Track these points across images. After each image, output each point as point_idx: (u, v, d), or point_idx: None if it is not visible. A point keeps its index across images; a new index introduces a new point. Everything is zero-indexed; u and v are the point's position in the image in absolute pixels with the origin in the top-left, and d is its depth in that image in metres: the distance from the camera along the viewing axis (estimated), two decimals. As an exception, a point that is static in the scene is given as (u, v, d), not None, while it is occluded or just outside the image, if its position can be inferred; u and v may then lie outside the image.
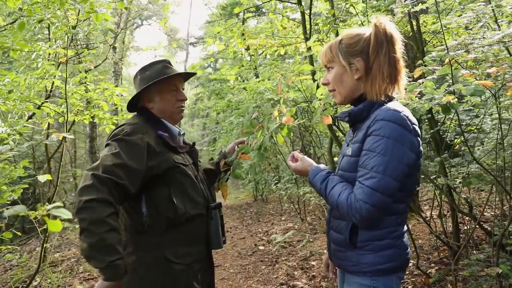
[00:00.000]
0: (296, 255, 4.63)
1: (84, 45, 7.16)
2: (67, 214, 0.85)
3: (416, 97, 2.05)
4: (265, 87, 5.29)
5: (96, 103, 3.56)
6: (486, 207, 4.32)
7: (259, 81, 5.28)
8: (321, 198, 5.54)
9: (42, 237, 3.07)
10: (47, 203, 3.24)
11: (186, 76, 1.82)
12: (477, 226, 3.20)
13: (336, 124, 3.53)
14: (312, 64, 2.97)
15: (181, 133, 1.77)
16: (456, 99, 1.79)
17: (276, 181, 8.42)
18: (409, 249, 1.37)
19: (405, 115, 1.24)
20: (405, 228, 1.37)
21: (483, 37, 2.35)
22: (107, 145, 1.52)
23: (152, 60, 1.78)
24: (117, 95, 3.42)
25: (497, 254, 2.54)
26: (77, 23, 3.05)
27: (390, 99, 1.35)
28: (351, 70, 1.36)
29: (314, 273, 3.94)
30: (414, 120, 1.27)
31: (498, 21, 2.45)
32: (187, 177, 1.63)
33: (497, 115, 3.47)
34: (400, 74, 1.34)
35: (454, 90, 1.92)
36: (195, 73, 1.94)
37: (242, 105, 5.74)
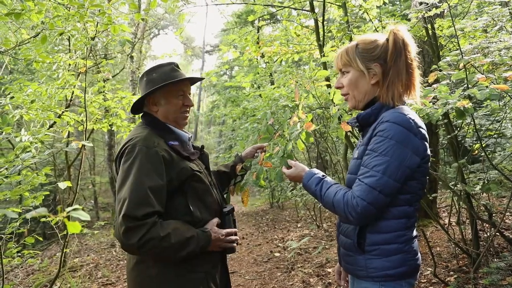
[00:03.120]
0: (312, 262, 4.59)
1: (103, 55, 7.36)
2: (85, 216, 0.88)
3: (430, 102, 2.03)
4: (280, 94, 5.31)
5: (114, 111, 3.65)
6: (507, 214, 4.20)
7: (274, 88, 5.31)
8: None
9: (62, 243, 3.15)
10: (65, 207, 3.33)
11: (194, 80, 1.79)
12: (497, 234, 3.12)
13: (351, 130, 3.51)
14: (325, 68, 2.97)
15: (190, 137, 1.75)
16: (470, 104, 1.77)
17: (292, 188, 8.39)
18: (419, 255, 1.36)
19: (411, 118, 1.25)
20: (415, 233, 1.36)
21: (500, 41, 2.32)
22: (121, 162, 1.47)
23: (160, 63, 1.75)
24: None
25: (518, 262, 2.48)
26: (95, 34, 3.15)
27: (400, 104, 1.35)
28: (369, 75, 1.38)
29: (330, 280, 3.90)
30: (421, 124, 1.28)
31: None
32: (203, 184, 1.61)
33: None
34: (415, 81, 1.36)
35: (469, 94, 1.91)
36: (203, 78, 1.94)
37: (257, 111, 5.77)
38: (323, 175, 1.44)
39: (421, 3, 3.20)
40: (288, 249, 5.10)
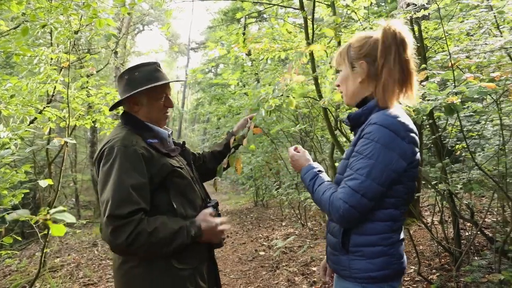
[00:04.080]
0: (297, 260, 4.60)
1: (86, 50, 7.19)
2: (71, 218, 0.84)
3: (419, 98, 2.05)
4: (267, 92, 5.29)
5: (98, 107, 3.56)
6: (487, 213, 4.31)
7: (260, 86, 5.30)
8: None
9: (42, 242, 3.06)
10: (48, 208, 3.24)
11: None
12: (478, 233, 3.19)
13: (339, 127, 3.53)
14: (314, 69, 2.98)
15: (170, 134, 1.74)
16: (459, 100, 1.80)
17: (277, 187, 8.41)
18: (404, 259, 1.35)
19: (400, 121, 1.22)
20: (402, 236, 1.35)
21: (485, 43, 2.36)
22: (101, 164, 1.46)
23: (142, 61, 1.72)
24: (119, 100, 3.41)
25: (499, 261, 2.53)
26: (79, 28, 3.07)
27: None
28: (353, 73, 1.37)
29: (315, 279, 3.92)
30: (412, 127, 1.25)
31: (500, 27, 2.46)
32: (185, 179, 1.61)
33: (498, 121, 3.48)
34: (412, 80, 1.32)
35: (457, 92, 1.93)
36: (185, 80, 1.99)
37: (243, 110, 5.75)
38: (319, 171, 1.43)
39: (408, 5, 3.24)
40: (274, 248, 5.10)
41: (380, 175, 1.20)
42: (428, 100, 1.95)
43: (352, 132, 1.49)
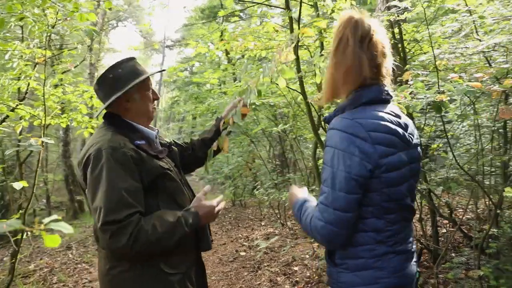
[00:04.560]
0: (278, 260, 4.60)
1: (58, 46, 6.91)
2: (68, 228, 0.78)
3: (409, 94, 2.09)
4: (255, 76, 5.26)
5: (74, 106, 3.41)
6: (460, 210, 4.46)
7: (240, 85, 5.26)
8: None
9: (15, 248, 2.90)
10: (21, 211, 3.07)
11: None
12: (454, 229, 3.29)
13: (323, 126, 3.54)
14: (299, 68, 2.97)
15: (157, 134, 1.69)
16: (448, 98, 1.84)
17: (258, 187, 8.40)
18: (399, 274, 1.22)
19: (358, 122, 1.13)
20: (392, 249, 1.22)
21: (466, 47, 2.42)
22: (88, 170, 1.39)
23: (120, 59, 1.67)
24: (97, 98, 3.28)
25: (478, 257, 2.61)
26: (55, 22, 2.93)
27: (366, 103, 1.21)
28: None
29: (297, 279, 3.93)
30: (377, 127, 1.15)
31: (480, 32, 2.53)
32: (174, 182, 1.57)
33: (469, 121, 3.60)
34: (362, 72, 1.19)
35: (444, 91, 1.97)
36: (164, 70, 1.98)
37: (222, 110, 5.69)
38: (305, 200, 1.35)
39: (389, 8, 3.29)
40: (258, 248, 5.08)
41: (344, 183, 1.12)
42: (418, 98, 1.98)
43: None
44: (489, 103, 3.37)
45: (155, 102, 1.70)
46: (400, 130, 1.20)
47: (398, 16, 2.73)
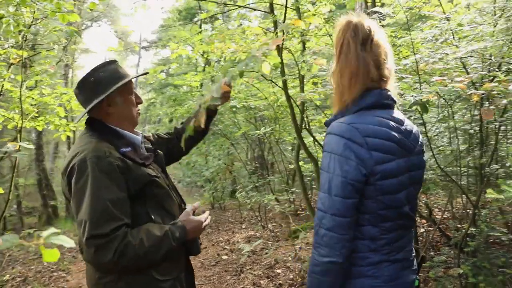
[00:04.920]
0: (261, 263, 4.60)
1: (30, 45, 6.66)
2: (69, 242, 0.75)
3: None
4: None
5: (52, 108, 3.29)
6: (436, 210, 4.60)
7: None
8: (286, 206, 5.55)
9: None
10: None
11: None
12: (430, 229, 3.40)
13: (307, 128, 3.57)
14: (283, 71, 3.00)
15: (142, 139, 1.64)
16: (435, 98, 1.90)
17: (234, 189, 8.35)
18: (394, 282, 1.20)
19: (354, 127, 1.12)
20: (387, 257, 1.20)
21: (445, 53, 2.51)
22: (73, 181, 1.33)
23: (102, 62, 1.62)
24: (76, 100, 3.17)
25: (458, 256, 2.70)
26: (32, 22, 2.83)
27: (366, 108, 1.20)
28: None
29: (281, 281, 3.94)
30: (374, 132, 1.14)
31: (457, 38, 2.63)
32: (162, 189, 1.54)
33: (444, 124, 3.72)
34: (369, 73, 1.18)
35: (430, 91, 2.04)
36: (147, 73, 2.02)
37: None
38: None
39: (368, 14, 3.36)
40: (240, 251, 5.06)
41: (341, 188, 1.11)
42: (405, 98, 2.04)
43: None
44: (463, 106, 3.50)
45: (139, 106, 1.65)
46: (399, 136, 1.18)
47: (380, 21, 2.79)
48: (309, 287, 1.20)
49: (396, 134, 1.18)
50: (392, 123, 1.19)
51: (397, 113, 1.26)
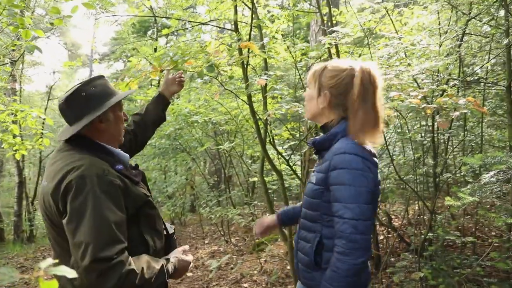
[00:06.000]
0: (227, 278, 4.56)
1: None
2: (71, 273, 0.71)
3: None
4: (190, 109, 5.23)
5: (6, 126, 3.08)
6: (393, 217, 4.85)
7: (184, 103, 5.22)
8: (251, 220, 5.56)
9: None
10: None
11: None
12: (392, 235, 3.58)
13: (271, 142, 3.64)
14: (247, 80, 3.05)
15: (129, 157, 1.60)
16: (395, 114, 2.03)
17: (193, 204, 8.23)
18: (369, 269, 1.44)
19: (363, 147, 1.34)
20: (369, 253, 1.38)
21: (400, 70, 2.70)
22: (68, 199, 1.25)
23: (91, 76, 1.57)
24: (32, 117, 2.98)
25: (418, 260, 2.87)
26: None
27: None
28: (318, 99, 1.46)
29: (249, 296, 3.93)
30: (373, 151, 1.38)
31: (410, 57, 2.84)
32: (154, 209, 1.51)
33: (396, 134, 3.97)
34: (380, 121, 1.41)
35: (389, 107, 2.18)
36: (135, 90, 1.93)
37: (165, 127, 5.57)
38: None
39: (324, 31, 3.54)
40: (208, 268, 4.97)
41: (366, 197, 1.30)
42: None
43: (316, 156, 1.55)
44: (414, 117, 3.75)
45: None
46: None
47: (339, 40, 2.95)
48: None
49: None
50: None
51: None
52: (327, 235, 1.39)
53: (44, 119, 3.39)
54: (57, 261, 0.75)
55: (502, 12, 2.76)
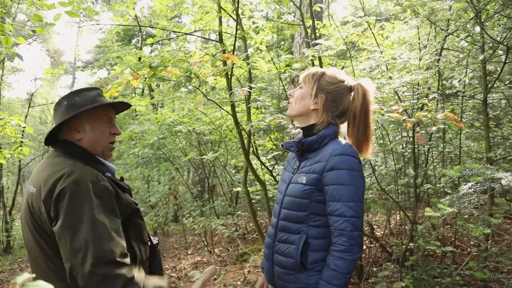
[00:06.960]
0: (210, 290, 4.51)
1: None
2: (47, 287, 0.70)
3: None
4: (174, 119, 5.21)
5: (-17, 135, 3.00)
6: (375, 227, 4.90)
7: (167, 112, 5.19)
8: (234, 230, 5.52)
9: None
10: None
11: (120, 108, 1.61)
12: (375, 245, 3.61)
13: (255, 152, 3.65)
14: (230, 88, 3.07)
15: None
16: (374, 127, 2.07)
17: (176, 214, 8.12)
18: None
19: (356, 150, 1.46)
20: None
21: (381, 83, 2.76)
22: (61, 205, 1.22)
23: (83, 87, 1.55)
24: (12, 126, 2.90)
25: (400, 270, 2.90)
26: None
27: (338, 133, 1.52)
28: (312, 99, 1.51)
29: (232, 307, 3.89)
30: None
31: (391, 70, 2.91)
32: (142, 219, 1.48)
33: (378, 146, 4.05)
34: (370, 135, 1.53)
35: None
36: (131, 105, 1.80)
37: (148, 136, 5.52)
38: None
39: (308, 43, 3.60)
40: (192, 279, 4.90)
41: (361, 196, 1.40)
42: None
43: (298, 158, 1.56)
44: (395, 128, 3.83)
45: (115, 137, 1.54)
46: None
47: (322, 52, 3.00)
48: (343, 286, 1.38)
49: None
50: None
51: None
52: (314, 235, 1.43)
53: (24, 127, 3.31)
54: (34, 275, 0.73)
55: (477, 29, 2.87)
